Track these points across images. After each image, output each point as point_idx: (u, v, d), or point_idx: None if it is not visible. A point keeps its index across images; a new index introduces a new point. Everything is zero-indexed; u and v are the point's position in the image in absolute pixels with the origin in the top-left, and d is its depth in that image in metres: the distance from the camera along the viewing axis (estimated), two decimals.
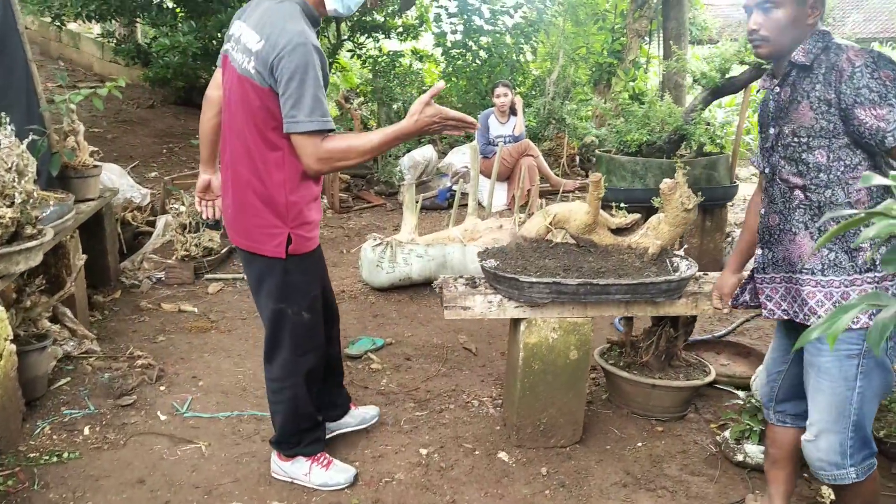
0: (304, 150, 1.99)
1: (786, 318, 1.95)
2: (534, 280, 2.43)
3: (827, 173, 1.81)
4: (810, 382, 1.90)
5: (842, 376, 1.82)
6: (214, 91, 2.35)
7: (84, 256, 3.50)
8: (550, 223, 2.67)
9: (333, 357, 2.63)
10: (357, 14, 8.88)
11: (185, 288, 4.51)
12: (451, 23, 9.65)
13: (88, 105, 3.99)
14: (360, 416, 2.80)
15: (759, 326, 4.00)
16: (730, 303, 2.23)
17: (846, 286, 1.80)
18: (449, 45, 9.45)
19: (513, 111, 6.79)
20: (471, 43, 9.22)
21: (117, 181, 4.89)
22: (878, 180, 0.85)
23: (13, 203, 2.51)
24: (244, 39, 2.05)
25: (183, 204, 5.02)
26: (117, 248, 4.57)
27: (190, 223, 4.80)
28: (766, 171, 1.95)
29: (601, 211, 2.71)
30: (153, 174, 7.45)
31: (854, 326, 1.78)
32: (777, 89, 1.92)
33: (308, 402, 2.41)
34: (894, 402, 2.65)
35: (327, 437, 2.64)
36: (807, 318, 1.85)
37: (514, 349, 2.70)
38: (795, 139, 1.84)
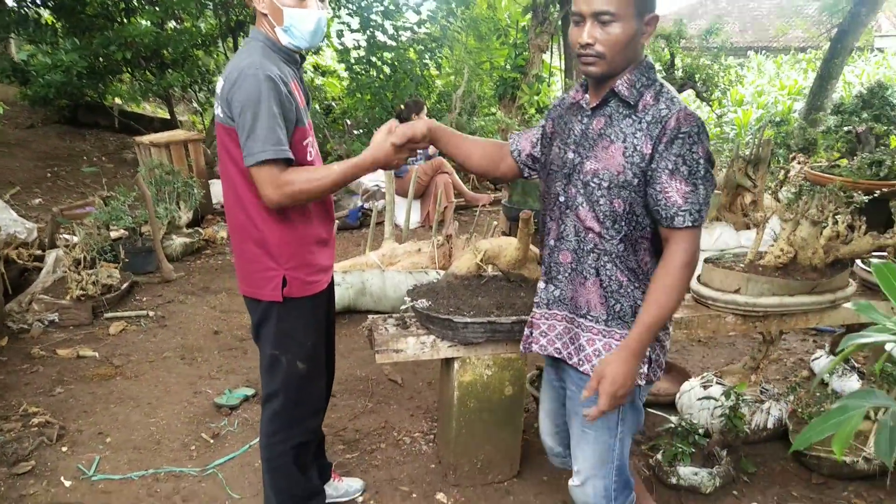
0: (260, 179, 1.88)
1: (556, 356, 1.89)
2: (468, 320, 2.38)
3: (621, 225, 1.69)
4: (575, 432, 1.90)
5: (605, 426, 1.82)
6: None
7: None
8: (481, 260, 2.63)
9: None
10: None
11: (82, 330, 4.16)
12: (354, 39, 9.51)
13: None
14: (343, 488, 2.62)
15: (675, 339, 4.10)
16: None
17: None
18: (353, 60, 9.30)
19: None
20: (374, 59, 9.11)
21: None
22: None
23: None
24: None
25: (75, 236, 4.65)
26: (1, 290, 4.17)
27: (85, 258, 4.44)
28: (561, 198, 1.77)
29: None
30: (37, 201, 6.91)
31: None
32: (590, 112, 1.73)
33: (301, 472, 2.26)
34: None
35: None
36: (581, 363, 1.80)
37: (448, 388, 2.64)
38: (595, 180, 1.67)
